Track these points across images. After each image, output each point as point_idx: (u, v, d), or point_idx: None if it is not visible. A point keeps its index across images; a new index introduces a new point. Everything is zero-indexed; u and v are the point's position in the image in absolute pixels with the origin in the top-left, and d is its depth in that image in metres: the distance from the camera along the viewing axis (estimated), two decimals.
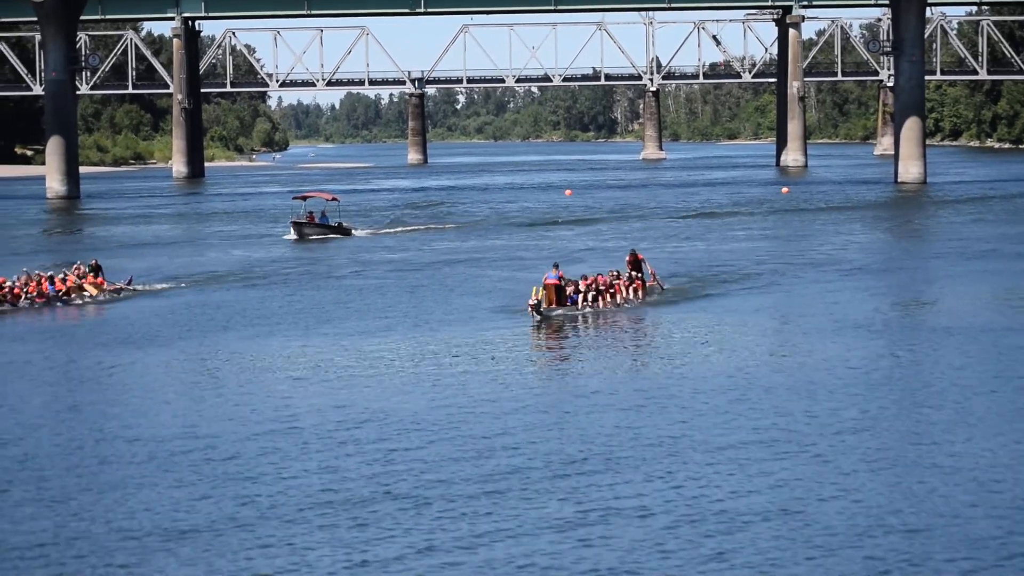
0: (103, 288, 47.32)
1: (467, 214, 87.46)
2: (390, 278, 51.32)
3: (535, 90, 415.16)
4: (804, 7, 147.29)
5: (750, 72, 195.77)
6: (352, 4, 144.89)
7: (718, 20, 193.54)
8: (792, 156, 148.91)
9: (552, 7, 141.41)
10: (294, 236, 70.03)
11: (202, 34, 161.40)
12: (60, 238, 76.75)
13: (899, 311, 41.70)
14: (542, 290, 39.97)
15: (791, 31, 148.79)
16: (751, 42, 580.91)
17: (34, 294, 44.94)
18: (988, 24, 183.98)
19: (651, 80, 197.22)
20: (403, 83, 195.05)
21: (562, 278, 40.93)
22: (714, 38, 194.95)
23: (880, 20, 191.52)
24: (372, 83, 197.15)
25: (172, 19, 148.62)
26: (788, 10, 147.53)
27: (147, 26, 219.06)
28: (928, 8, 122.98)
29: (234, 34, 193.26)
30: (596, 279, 41.69)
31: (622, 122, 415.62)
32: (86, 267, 48.36)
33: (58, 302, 45.36)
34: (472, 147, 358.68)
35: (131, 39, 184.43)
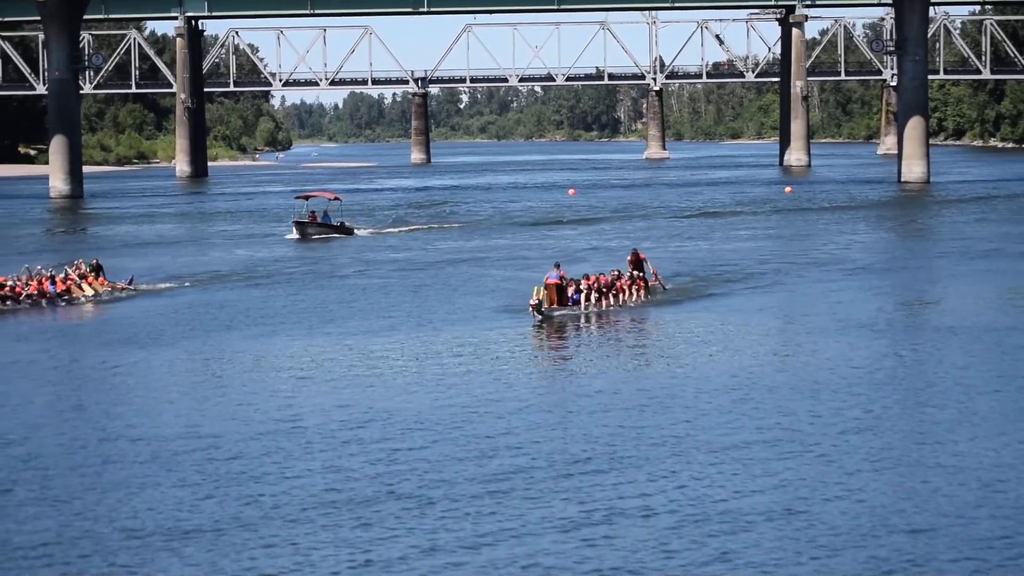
0: (103, 288, 47.27)
1: (470, 213, 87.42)
2: (393, 278, 51.31)
3: (538, 89, 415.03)
4: (807, 6, 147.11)
5: (753, 71, 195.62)
6: (355, 3, 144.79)
7: (721, 19, 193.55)
8: (795, 156, 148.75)
9: (555, 7, 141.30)
10: (296, 236, 70.04)
11: (205, 33, 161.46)
12: (63, 237, 76.74)
13: (902, 311, 41.69)
14: (543, 290, 39.87)
15: (794, 30, 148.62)
16: (754, 41, 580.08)
17: (35, 293, 44.97)
18: (991, 23, 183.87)
19: (654, 79, 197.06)
20: (406, 82, 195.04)
21: (563, 278, 40.80)
22: (717, 37, 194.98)
23: (883, 19, 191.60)
24: (375, 82, 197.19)
25: (175, 18, 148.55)
26: (791, 9, 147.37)
27: (150, 25, 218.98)
28: (931, 7, 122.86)
29: (237, 33, 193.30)
30: (598, 278, 41.59)
31: (625, 121, 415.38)
32: (87, 266, 48.32)
33: (61, 301, 45.38)
34: (475, 146, 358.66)
35: (134, 38, 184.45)
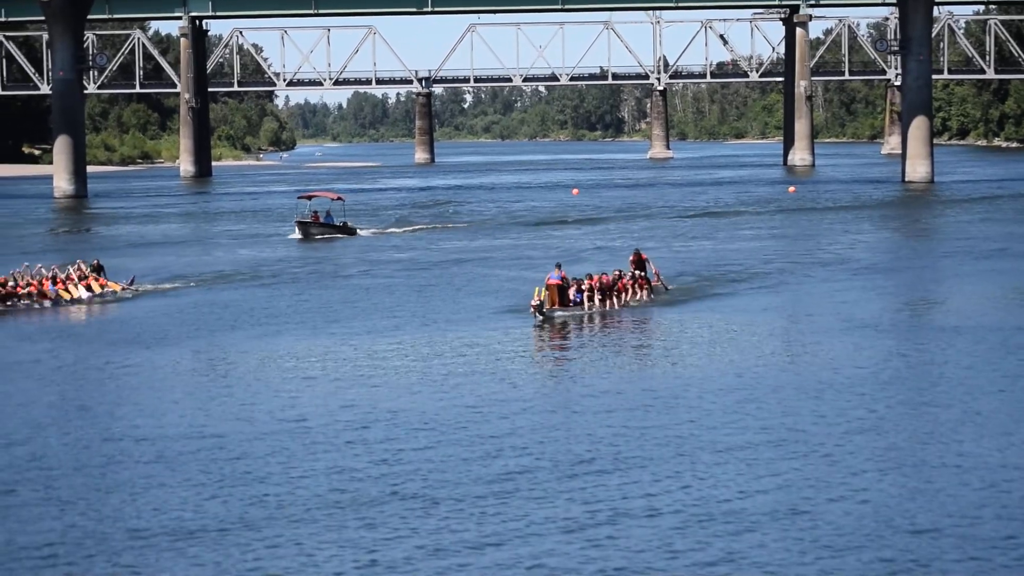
0: (107, 289, 47.24)
1: (474, 213, 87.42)
2: (397, 277, 51.31)
3: (542, 89, 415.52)
4: (811, 6, 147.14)
5: (757, 71, 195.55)
6: (359, 3, 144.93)
7: (725, 19, 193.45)
8: (799, 155, 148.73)
9: (559, 6, 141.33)
10: (299, 236, 70.01)
11: (209, 33, 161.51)
12: (67, 237, 76.75)
13: (907, 310, 41.66)
14: (544, 290, 39.81)
15: (798, 30, 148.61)
16: (758, 41, 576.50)
17: (36, 293, 44.97)
18: (995, 23, 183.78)
19: (658, 79, 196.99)
20: (410, 82, 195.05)
21: (565, 278, 40.69)
22: (721, 37, 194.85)
23: (887, 19, 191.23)
24: (379, 82, 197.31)
25: (179, 18, 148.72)
26: (795, 9, 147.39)
27: (154, 25, 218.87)
28: (935, 7, 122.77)
29: (241, 33, 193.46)
30: (600, 278, 41.52)
31: (629, 121, 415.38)
32: (87, 267, 48.20)
33: (63, 301, 45.37)
34: (479, 146, 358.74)
35: (138, 38, 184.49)
